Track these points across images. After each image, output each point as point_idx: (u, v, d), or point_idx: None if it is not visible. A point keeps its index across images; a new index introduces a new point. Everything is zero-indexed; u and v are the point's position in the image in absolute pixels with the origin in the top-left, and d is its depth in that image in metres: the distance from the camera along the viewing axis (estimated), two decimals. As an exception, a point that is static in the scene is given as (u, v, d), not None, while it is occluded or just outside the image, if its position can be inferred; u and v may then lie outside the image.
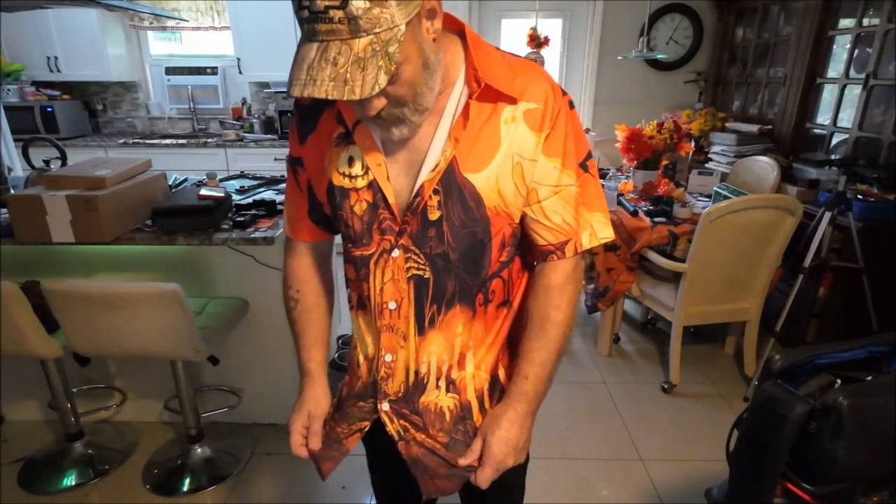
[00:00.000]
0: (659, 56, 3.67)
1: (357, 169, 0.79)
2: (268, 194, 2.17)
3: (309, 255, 0.97)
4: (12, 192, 1.80)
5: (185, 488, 1.86)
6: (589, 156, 0.84)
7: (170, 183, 2.19)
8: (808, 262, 2.14)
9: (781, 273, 2.38)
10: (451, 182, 0.76)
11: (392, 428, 0.90)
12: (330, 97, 0.60)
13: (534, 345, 0.85)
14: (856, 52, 2.67)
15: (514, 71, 0.76)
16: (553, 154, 0.79)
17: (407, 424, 0.90)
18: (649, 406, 2.33)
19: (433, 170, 0.75)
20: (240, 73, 4.07)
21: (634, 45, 3.52)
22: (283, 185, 2.34)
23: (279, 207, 1.92)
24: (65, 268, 1.98)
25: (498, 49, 0.80)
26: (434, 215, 0.77)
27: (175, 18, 4.08)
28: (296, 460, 1.99)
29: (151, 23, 4.25)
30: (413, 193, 0.77)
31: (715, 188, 2.55)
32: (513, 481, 1.13)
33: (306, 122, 0.84)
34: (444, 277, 0.81)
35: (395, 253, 0.80)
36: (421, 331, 0.84)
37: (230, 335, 1.91)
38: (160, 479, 1.90)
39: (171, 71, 4.36)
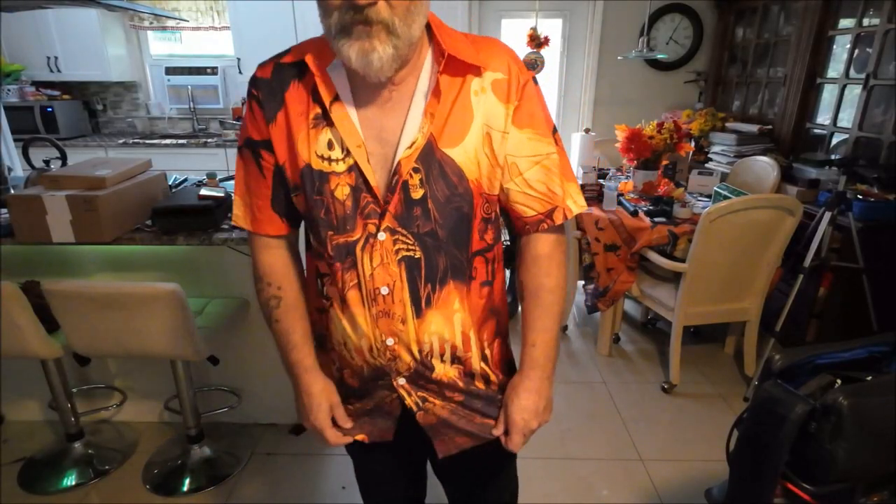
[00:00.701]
0: (659, 56, 3.67)
1: (337, 152, 0.77)
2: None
3: (282, 248, 0.92)
4: (12, 192, 1.80)
5: (185, 488, 1.86)
6: (555, 129, 0.87)
7: (170, 183, 2.19)
8: (808, 262, 2.14)
9: (781, 273, 2.38)
10: (431, 159, 0.77)
11: (411, 400, 0.90)
12: None
13: (534, 313, 0.89)
14: (856, 52, 2.67)
15: (476, 45, 0.79)
16: (525, 125, 0.81)
17: (425, 394, 0.90)
18: (649, 406, 2.33)
19: (410, 147, 0.76)
20: (240, 73, 4.06)
21: (634, 45, 3.52)
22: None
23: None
24: (65, 268, 1.98)
25: (460, 32, 0.82)
26: (417, 194, 0.77)
27: (175, 18, 4.08)
28: (296, 460, 2.00)
29: (151, 23, 4.25)
30: (392, 170, 0.77)
31: (715, 188, 2.55)
32: (503, 482, 1.13)
33: (271, 99, 0.80)
34: (435, 255, 0.81)
35: (382, 236, 0.79)
36: (419, 312, 0.82)
37: (230, 335, 1.91)
38: (160, 479, 1.90)
39: (171, 71, 4.36)
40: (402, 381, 0.88)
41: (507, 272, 1.73)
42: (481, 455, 0.97)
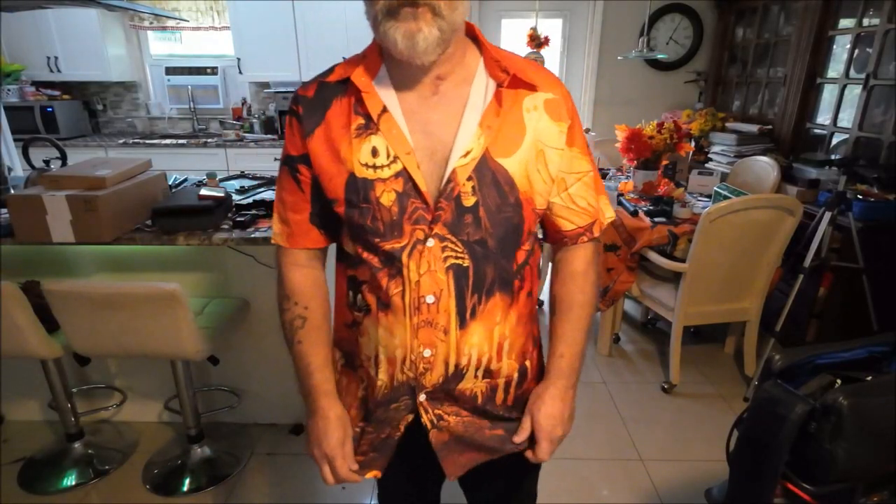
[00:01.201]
0: (659, 56, 3.67)
1: (382, 159, 0.78)
2: (268, 194, 2.17)
3: (312, 267, 0.92)
4: (12, 192, 1.80)
5: (185, 488, 1.86)
6: (588, 146, 0.90)
7: (170, 183, 2.19)
8: (808, 262, 2.14)
9: (781, 273, 2.38)
10: (485, 168, 0.78)
11: (427, 418, 0.89)
12: None
13: (565, 327, 0.91)
14: (856, 52, 2.67)
15: (524, 66, 0.82)
16: (575, 144, 0.85)
17: (441, 412, 0.89)
18: (649, 406, 2.33)
19: (464, 156, 0.77)
20: (240, 73, 4.07)
21: (634, 45, 3.52)
22: (283, 185, 2.33)
23: (279, 207, 1.91)
24: (65, 268, 1.98)
25: (503, 49, 0.85)
26: (469, 201, 0.78)
27: (175, 18, 4.08)
28: (296, 460, 2.00)
29: (151, 23, 4.26)
30: (445, 180, 0.77)
31: (715, 188, 2.55)
32: (529, 489, 1.13)
33: (311, 115, 0.82)
34: (483, 265, 0.81)
35: (431, 242, 0.78)
36: (462, 323, 0.82)
37: (230, 335, 1.91)
38: (160, 479, 1.90)
39: (171, 71, 4.36)
40: (423, 397, 0.87)
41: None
42: (506, 467, 0.96)
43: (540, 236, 0.95)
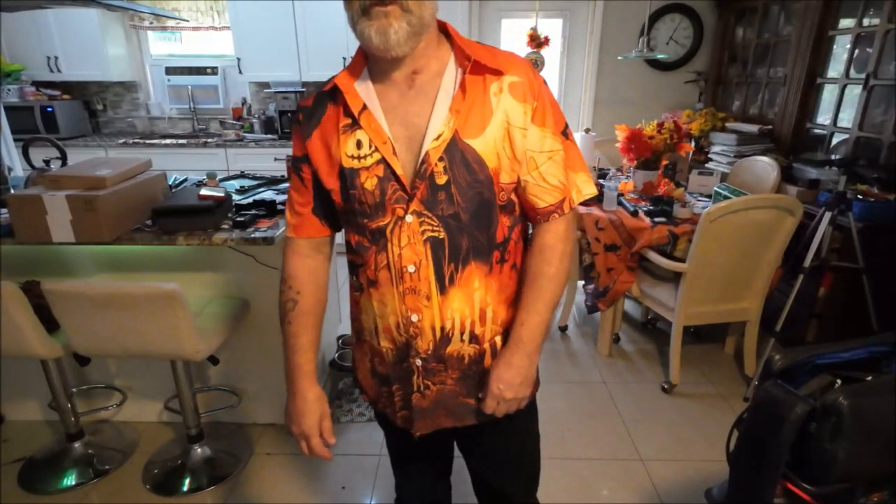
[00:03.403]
0: (659, 56, 3.67)
1: (365, 150, 0.88)
2: (268, 194, 2.17)
3: (311, 257, 1.02)
4: (12, 192, 1.80)
5: (186, 488, 1.86)
6: (567, 125, 0.96)
7: (170, 183, 2.19)
8: (808, 262, 2.14)
9: (781, 273, 2.38)
10: (454, 148, 0.86)
11: (416, 381, 0.98)
12: None
13: (528, 296, 0.96)
14: (856, 52, 2.67)
15: (493, 53, 0.90)
16: (541, 124, 0.91)
17: (428, 381, 0.98)
18: (649, 406, 2.33)
19: (436, 139, 0.85)
20: (240, 73, 4.06)
21: (634, 45, 3.52)
22: (283, 185, 2.33)
23: (279, 207, 1.92)
24: (65, 268, 1.98)
25: (477, 42, 0.94)
26: (441, 179, 0.86)
27: (175, 18, 4.08)
28: (296, 460, 2.00)
29: (151, 23, 4.26)
30: (420, 160, 0.86)
31: (715, 188, 2.55)
32: (522, 465, 1.18)
33: (309, 119, 0.93)
34: (458, 236, 0.89)
35: (409, 218, 0.88)
36: (442, 290, 0.91)
37: (230, 335, 1.91)
38: (160, 478, 1.90)
39: (171, 71, 4.36)
40: (419, 361, 0.96)
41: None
42: (499, 433, 1.07)
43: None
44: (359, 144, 0.88)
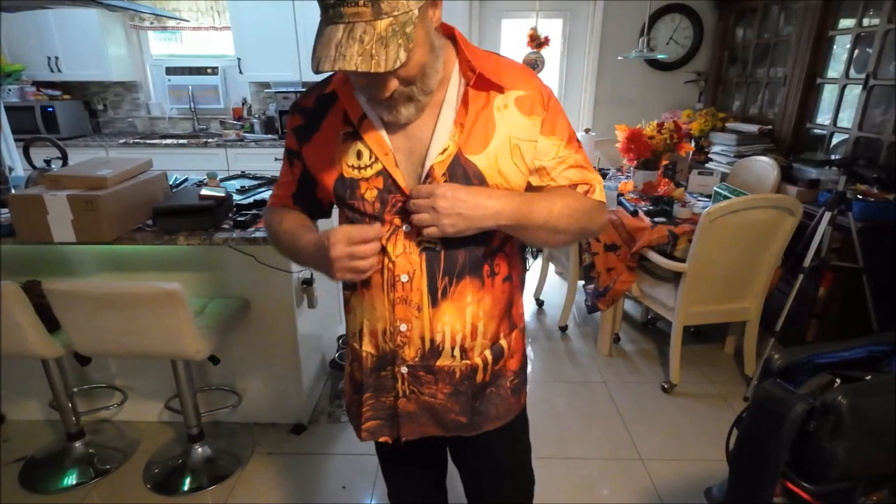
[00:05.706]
0: (659, 56, 3.67)
1: (365, 160, 0.86)
2: (268, 194, 2.17)
3: (290, 208, 1.03)
4: (13, 191, 1.80)
5: (186, 488, 1.86)
6: (575, 136, 0.95)
7: (170, 183, 2.19)
8: (808, 262, 2.14)
9: (781, 273, 2.38)
10: (456, 164, 0.84)
11: (401, 387, 0.97)
12: (359, 69, 0.68)
13: (556, 192, 0.91)
14: (856, 52, 2.67)
15: (499, 66, 0.87)
16: (552, 134, 0.89)
17: (415, 388, 0.97)
18: (649, 406, 2.33)
19: (441, 153, 0.84)
20: (240, 73, 4.07)
21: (634, 45, 3.52)
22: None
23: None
24: (66, 267, 1.98)
25: (483, 50, 0.90)
26: None
27: (175, 18, 4.08)
28: (296, 460, 2.00)
29: (152, 23, 4.26)
30: (424, 175, 0.85)
31: (715, 188, 2.56)
32: (515, 478, 1.17)
33: (309, 125, 0.92)
34: (454, 251, 0.88)
35: (407, 228, 0.86)
36: (434, 302, 0.90)
37: (230, 335, 1.91)
38: (161, 478, 1.90)
39: (171, 71, 4.37)
40: (404, 369, 0.95)
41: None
42: (492, 445, 1.06)
43: None
44: (359, 154, 0.87)
